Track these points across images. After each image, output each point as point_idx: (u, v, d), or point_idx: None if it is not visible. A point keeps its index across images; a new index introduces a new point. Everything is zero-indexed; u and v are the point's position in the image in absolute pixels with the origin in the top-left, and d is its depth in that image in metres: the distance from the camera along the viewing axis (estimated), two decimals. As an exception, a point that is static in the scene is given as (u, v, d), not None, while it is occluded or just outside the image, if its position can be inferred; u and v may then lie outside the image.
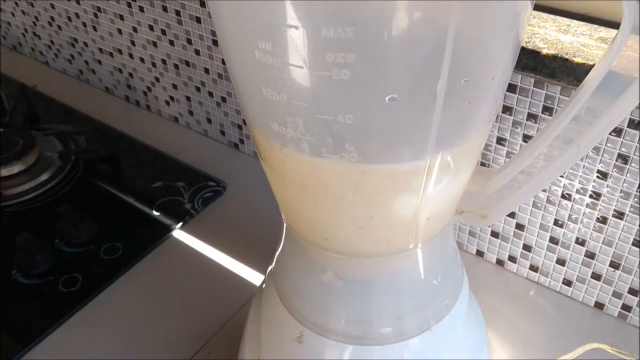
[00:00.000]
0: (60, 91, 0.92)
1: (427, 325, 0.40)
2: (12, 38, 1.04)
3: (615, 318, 0.56)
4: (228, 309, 0.59)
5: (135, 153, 0.79)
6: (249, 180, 0.74)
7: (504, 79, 0.31)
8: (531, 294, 0.59)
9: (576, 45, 0.46)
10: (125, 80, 0.88)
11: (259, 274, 0.62)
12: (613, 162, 0.49)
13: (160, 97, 0.84)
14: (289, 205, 0.37)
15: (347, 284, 0.38)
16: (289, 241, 0.41)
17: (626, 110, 0.31)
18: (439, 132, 0.29)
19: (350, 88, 0.27)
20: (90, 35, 0.87)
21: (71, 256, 0.64)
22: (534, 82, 0.49)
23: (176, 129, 0.84)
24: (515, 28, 0.29)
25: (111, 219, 0.69)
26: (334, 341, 0.39)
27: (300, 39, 0.26)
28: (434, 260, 0.39)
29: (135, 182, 0.75)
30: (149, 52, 0.80)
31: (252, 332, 0.46)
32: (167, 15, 0.73)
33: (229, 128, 0.78)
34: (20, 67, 1.00)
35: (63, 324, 0.58)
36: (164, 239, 0.66)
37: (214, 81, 0.75)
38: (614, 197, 0.50)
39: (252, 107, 0.32)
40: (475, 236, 0.61)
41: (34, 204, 0.71)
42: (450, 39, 0.26)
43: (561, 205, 0.54)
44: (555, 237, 0.56)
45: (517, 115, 0.51)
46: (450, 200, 0.36)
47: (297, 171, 0.33)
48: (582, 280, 0.56)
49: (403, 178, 0.31)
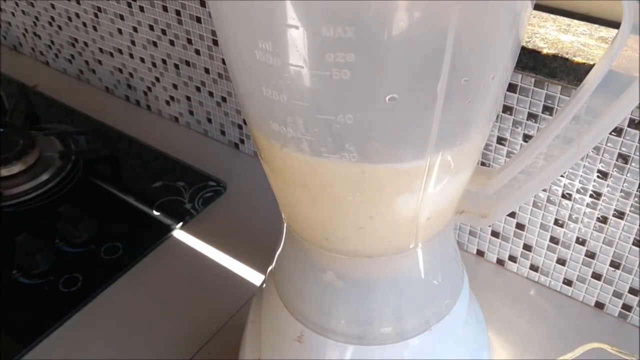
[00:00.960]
0: (61, 91, 0.92)
1: (427, 325, 0.40)
2: (12, 38, 1.04)
3: (616, 318, 0.56)
4: (228, 308, 0.58)
5: (136, 153, 0.79)
6: (249, 180, 0.74)
7: (504, 79, 0.31)
8: (531, 293, 0.59)
9: (576, 45, 0.46)
10: (125, 80, 0.88)
11: (259, 273, 0.62)
12: (613, 161, 0.49)
13: (160, 97, 0.84)
14: (289, 205, 0.37)
15: (348, 284, 0.38)
16: (289, 241, 0.41)
17: (626, 109, 0.31)
18: (439, 132, 0.29)
19: (351, 88, 0.27)
20: (91, 35, 0.87)
21: (71, 256, 0.64)
22: (534, 81, 0.49)
23: (176, 129, 0.84)
24: (516, 28, 0.29)
25: (111, 219, 0.69)
26: (334, 341, 0.39)
27: (300, 38, 0.26)
28: (434, 260, 0.39)
29: (136, 182, 0.75)
30: (149, 52, 0.80)
31: (252, 332, 0.46)
32: (167, 15, 0.73)
33: (229, 128, 0.78)
34: (20, 67, 1.00)
35: (63, 324, 0.58)
36: (164, 239, 0.66)
37: (214, 81, 0.75)
38: (615, 197, 0.50)
39: (252, 107, 0.32)
40: (475, 236, 0.61)
41: (34, 204, 0.71)
42: (451, 39, 0.25)
43: (561, 205, 0.53)
44: (555, 236, 0.56)
45: (517, 115, 0.51)
46: (451, 200, 0.36)
47: (297, 171, 0.33)
48: (582, 280, 0.56)
49: (403, 178, 0.31)
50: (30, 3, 0.93)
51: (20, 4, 0.95)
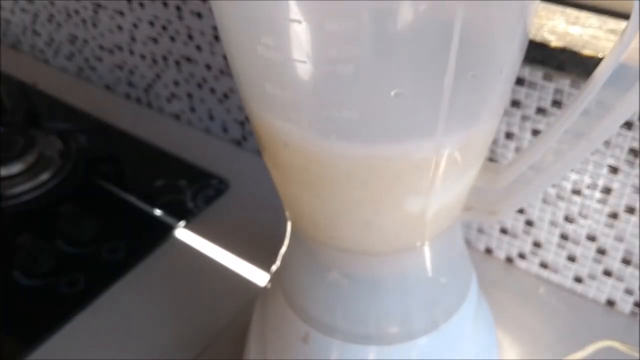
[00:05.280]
0: (61, 89, 0.92)
1: (435, 325, 0.39)
2: (11, 36, 1.03)
3: (627, 315, 0.56)
4: (232, 308, 0.58)
5: (137, 151, 0.79)
6: (252, 177, 0.74)
7: (512, 72, 0.31)
8: (541, 291, 0.58)
9: (585, 37, 0.46)
10: (125, 77, 0.87)
11: (263, 272, 0.62)
12: (623, 156, 0.48)
13: (161, 95, 0.84)
14: (293, 203, 0.37)
15: (354, 283, 0.38)
16: (293, 239, 0.41)
17: (637, 103, 0.30)
18: (446, 127, 0.29)
19: (355, 83, 0.27)
20: (90, 32, 0.86)
21: (73, 256, 0.64)
22: (543, 75, 0.48)
23: (178, 127, 0.84)
24: (523, 20, 0.28)
25: (113, 218, 0.69)
26: (340, 341, 0.39)
27: (303, 33, 0.25)
28: (442, 258, 0.39)
29: (137, 180, 0.74)
30: (150, 48, 0.79)
31: (257, 332, 0.46)
32: (167, 11, 0.72)
33: (231, 125, 0.78)
34: (19, 65, 1.00)
35: (65, 326, 0.58)
36: (166, 238, 0.66)
37: (215, 78, 0.74)
38: (625, 192, 0.50)
39: (255, 104, 0.32)
40: (483, 233, 0.61)
41: (34, 204, 0.70)
42: (457, 32, 0.25)
43: (571, 200, 0.53)
44: (565, 233, 0.55)
45: (525, 109, 0.50)
46: (458, 195, 0.36)
47: (301, 168, 0.32)
48: (592, 276, 0.56)
49: (410, 173, 0.31)
50: (29, 0, 0.92)
51: (19, 2, 0.95)
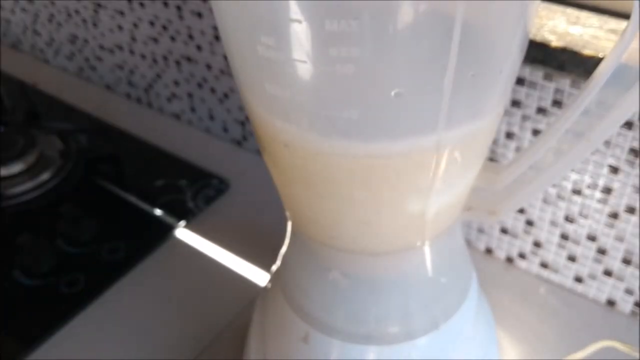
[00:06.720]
0: (61, 89, 0.91)
1: (435, 325, 0.39)
2: (11, 36, 1.03)
3: (627, 315, 0.55)
4: (233, 308, 0.58)
5: (137, 151, 0.79)
6: (252, 177, 0.74)
7: (512, 72, 0.31)
8: (541, 291, 0.58)
9: (586, 37, 0.46)
10: (126, 77, 0.87)
11: (263, 272, 0.61)
12: (624, 156, 0.48)
13: (161, 94, 0.84)
14: (293, 203, 0.37)
15: (354, 283, 0.38)
16: (293, 239, 0.41)
17: (637, 103, 0.31)
18: (446, 126, 0.29)
19: (355, 83, 0.27)
20: (91, 32, 0.86)
21: (73, 256, 0.64)
22: (543, 74, 0.48)
23: (178, 126, 0.84)
24: (524, 20, 0.28)
25: (113, 218, 0.69)
26: (340, 341, 0.39)
27: (303, 33, 0.25)
28: (442, 258, 0.39)
29: (137, 180, 0.74)
30: (150, 48, 0.79)
31: (257, 332, 0.46)
32: (168, 10, 0.72)
33: (231, 125, 0.78)
34: (20, 65, 1.00)
35: (65, 326, 0.57)
36: (166, 238, 0.66)
37: (216, 77, 0.74)
38: (625, 192, 0.50)
39: (255, 104, 0.32)
40: (483, 232, 0.61)
41: (35, 203, 0.70)
42: (457, 32, 0.25)
43: (571, 200, 0.53)
44: (565, 233, 0.55)
45: (525, 109, 0.50)
46: (459, 195, 0.36)
47: (301, 168, 0.32)
48: (593, 276, 0.56)
49: (410, 173, 0.31)
50: (30, 0, 0.92)
51: (19, 2, 0.95)
